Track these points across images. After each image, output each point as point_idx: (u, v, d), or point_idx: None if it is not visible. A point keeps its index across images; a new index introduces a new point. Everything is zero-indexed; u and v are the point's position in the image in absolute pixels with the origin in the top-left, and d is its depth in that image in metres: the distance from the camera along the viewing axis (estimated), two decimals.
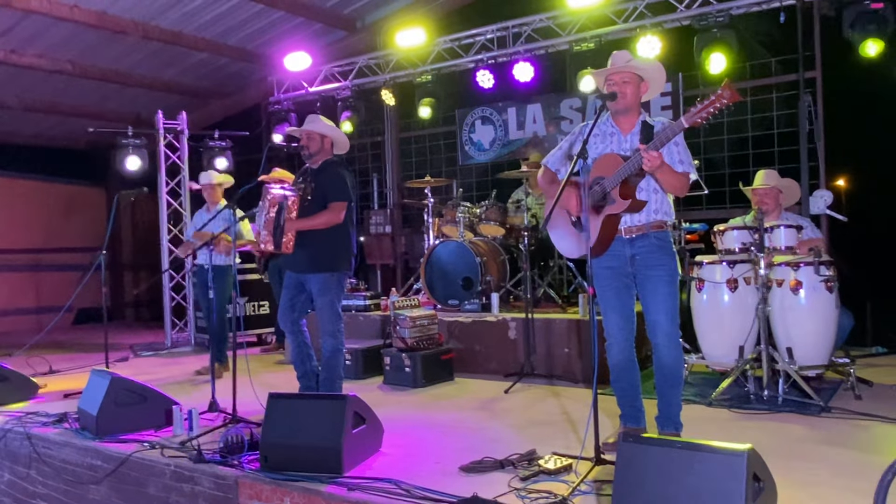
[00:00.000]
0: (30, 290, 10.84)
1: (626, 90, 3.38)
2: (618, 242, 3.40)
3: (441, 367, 5.50)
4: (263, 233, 4.27)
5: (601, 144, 3.47)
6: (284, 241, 4.22)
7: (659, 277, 3.36)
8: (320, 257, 4.35)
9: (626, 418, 3.61)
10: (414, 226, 8.98)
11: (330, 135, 4.50)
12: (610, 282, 3.46)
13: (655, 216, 3.38)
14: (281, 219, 4.21)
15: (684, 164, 3.35)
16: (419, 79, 7.76)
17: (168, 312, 8.38)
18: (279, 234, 4.20)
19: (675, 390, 3.45)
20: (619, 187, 3.28)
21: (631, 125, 3.43)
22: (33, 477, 4.30)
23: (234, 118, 10.27)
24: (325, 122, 4.54)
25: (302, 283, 4.47)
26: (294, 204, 4.21)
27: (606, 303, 3.50)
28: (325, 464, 3.23)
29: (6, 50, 8.07)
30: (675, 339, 3.42)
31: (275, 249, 4.26)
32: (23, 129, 10.82)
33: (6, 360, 5.79)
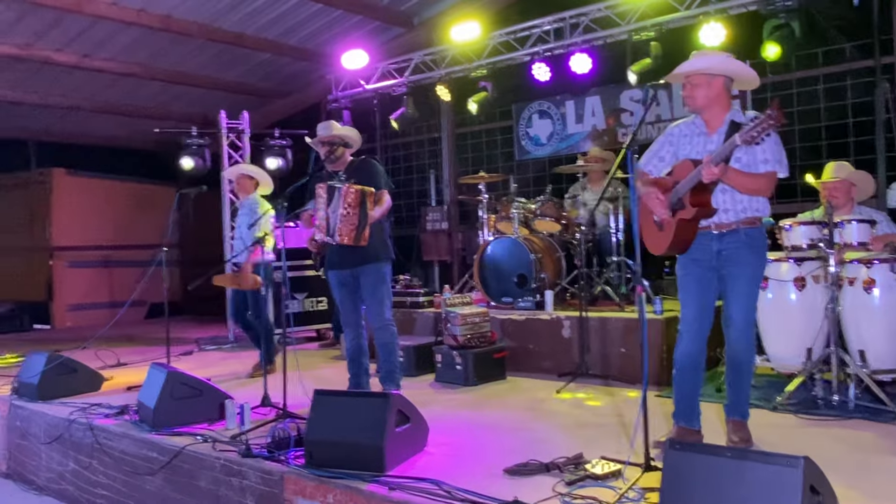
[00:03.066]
0: (103, 285, 11.32)
1: (695, 93, 3.33)
2: (705, 237, 3.35)
3: (493, 366, 5.42)
4: (339, 227, 4.28)
5: (689, 145, 3.43)
6: (363, 236, 4.30)
7: (742, 275, 3.31)
8: (368, 250, 4.43)
9: (680, 416, 3.48)
10: (470, 222, 8.91)
11: (346, 136, 4.65)
12: (693, 273, 3.43)
13: (745, 214, 3.31)
14: (364, 215, 4.25)
15: (769, 163, 3.24)
16: (474, 73, 7.69)
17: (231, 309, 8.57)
18: (361, 230, 4.27)
19: (744, 381, 3.42)
20: (690, 194, 3.23)
21: (717, 124, 3.35)
22: (95, 466, 4.45)
23: (294, 117, 10.44)
24: (337, 125, 4.74)
25: (356, 277, 4.51)
26: (371, 197, 4.26)
27: (686, 294, 3.46)
28: (368, 462, 3.21)
29: (79, 54, 8.42)
30: (749, 335, 3.39)
31: (353, 244, 4.28)
32: (95, 130, 11.30)
33: (78, 353, 6.04)
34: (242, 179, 6.18)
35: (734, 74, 3.36)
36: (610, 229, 6.30)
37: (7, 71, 8.67)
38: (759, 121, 2.90)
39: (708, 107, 3.34)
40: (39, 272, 10.87)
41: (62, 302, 10.86)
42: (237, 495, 3.57)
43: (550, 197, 6.57)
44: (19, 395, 5.35)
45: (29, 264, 10.86)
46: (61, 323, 10.75)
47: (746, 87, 3.50)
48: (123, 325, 8.73)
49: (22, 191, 11.34)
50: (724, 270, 3.35)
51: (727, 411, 3.48)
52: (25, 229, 11.02)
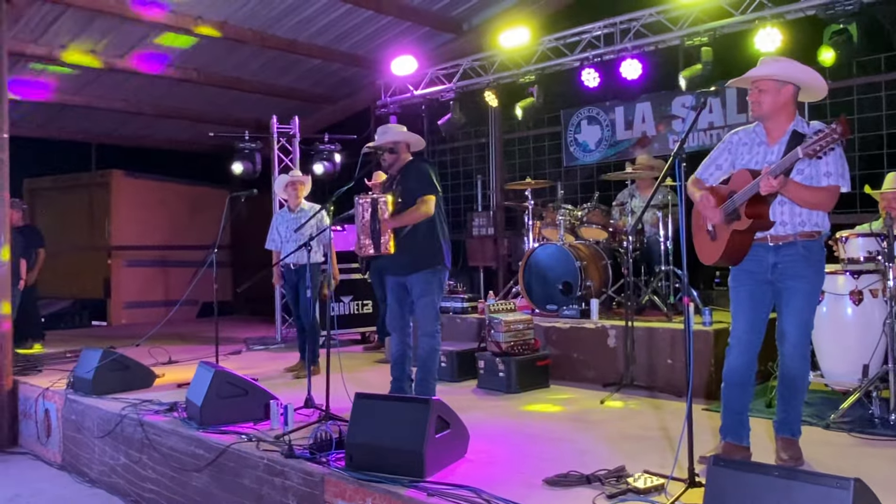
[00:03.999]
0: (158, 284, 11.65)
1: (762, 99, 3.23)
2: (761, 248, 3.26)
3: (536, 374, 5.38)
4: (361, 238, 4.33)
5: (748, 155, 3.34)
6: (383, 242, 4.28)
7: (798, 290, 3.21)
8: (419, 256, 4.40)
9: (727, 431, 3.38)
10: (516, 228, 8.88)
11: (403, 140, 4.59)
12: (746, 285, 3.33)
13: (802, 228, 3.21)
14: (376, 221, 4.28)
15: (832, 177, 3.13)
16: (523, 79, 7.66)
17: (279, 309, 8.75)
18: (377, 237, 4.27)
19: (796, 398, 3.32)
20: (747, 205, 3.13)
21: (779, 134, 3.25)
22: (144, 461, 4.58)
23: (343, 122, 10.57)
24: (395, 129, 4.67)
25: (405, 284, 4.51)
26: (385, 204, 4.27)
27: (738, 305, 3.36)
28: (408, 467, 3.22)
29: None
30: (803, 351, 3.28)
31: (375, 252, 4.31)
32: (156, 133, 11.67)
33: (132, 350, 6.23)
34: (294, 187, 6.31)
35: (804, 84, 3.25)
36: (658, 237, 6.19)
37: (72, 76, 9.02)
38: (824, 134, 2.78)
39: (774, 115, 3.24)
40: (98, 270, 11.26)
41: (119, 299, 11.22)
42: (279, 495, 3.62)
43: (597, 204, 6.50)
44: (75, 389, 5.54)
45: (88, 263, 11.26)
46: (117, 320, 11.11)
47: (814, 97, 3.36)
48: (176, 323, 8.96)
49: (83, 191, 11.77)
50: (779, 284, 3.25)
51: (777, 428, 3.38)
52: (86, 229, 11.44)
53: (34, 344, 8.00)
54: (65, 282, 10.66)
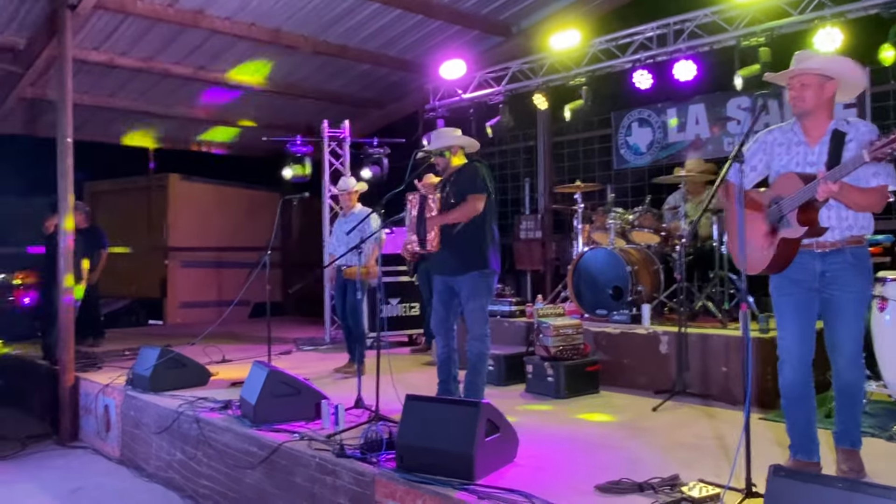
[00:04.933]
0: (212, 284, 11.94)
1: (805, 94, 3.09)
2: (807, 256, 3.12)
3: (585, 379, 5.32)
4: (409, 235, 4.38)
5: (786, 156, 3.21)
6: (429, 240, 4.31)
7: (850, 299, 3.08)
8: (468, 257, 4.40)
9: (797, 449, 3.26)
10: (565, 231, 8.81)
11: (455, 144, 4.62)
12: (791, 295, 3.19)
13: (850, 232, 3.08)
14: (423, 218, 4.30)
15: (880, 176, 3.00)
16: (573, 81, 7.61)
17: (328, 310, 8.87)
18: (423, 233, 4.30)
19: (855, 408, 3.20)
20: (798, 211, 3.00)
21: (819, 133, 3.12)
22: (200, 458, 4.69)
23: (393, 126, 10.66)
24: (449, 134, 4.70)
25: (452, 286, 4.52)
26: (434, 202, 4.29)
27: (784, 317, 3.22)
28: (457, 469, 3.22)
29: (195, 66, 8.94)
30: (858, 361, 3.15)
31: (421, 249, 4.34)
32: (211, 137, 11.95)
33: (187, 348, 6.39)
34: (348, 195, 6.42)
35: (848, 79, 3.12)
36: (713, 242, 6.06)
37: (131, 83, 9.32)
38: (893, 137, 2.66)
39: (816, 111, 3.11)
40: (155, 271, 11.61)
41: (174, 299, 11.54)
42: (331, 494, 3.67)
43: (649, 208, 6.40)
44: (133, 386, 5.72)
45: (146, 263, 11.61)
46: (173, 319, 11.42)
47: (850, 96, 3.24)
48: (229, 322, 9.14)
49: (142, 194, 12.16)
50: (827, 293, 3.11)
51: (837, 439, 3.26)
52: (144, 230, 11.80)
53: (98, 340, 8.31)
54: (124, 282, 11.00)
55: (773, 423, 4.16)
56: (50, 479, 5.28)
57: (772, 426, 4.14)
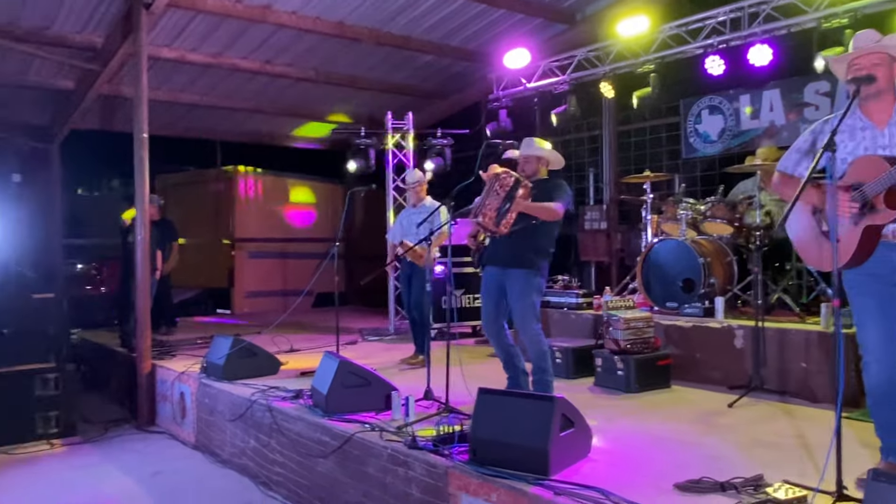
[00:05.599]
0: (278, 275, 12.19)
1: (878, 73, 2.93)
2: (885, 247, 2.96)
3: (656, 373, 5.21)
4: (486, 209, 4.32)
5: (850, 142, 3.04)
6: (505, 221, 4.27)
7: None
8: (526, 252, 4.41)
9: (889, 452, 3.10)
10: (630, 222, 8.63)
11: (546, 157, 4.64)
12: (872, 291, 3.03)
13: None
14: (509, 198, 4.25)
15: None
16: (640, 69, 7.42)
17: (392, 301, 8.94)
18: (503, 214, 4.26)
19: None
20: (885, 195, 2.84)
21: (886, 115, 2.97)
22: (273, 445, 4.80)
23: (455, 117, 10.63)
24: (540, 144, 4.68)
25: (502, 284, 4.51)
26: (526, 188, 4.26)
27: (866, 314, 3.06)
28: (532, 464, 3.19)
29: (261, 61, 9.10)
30: None
31: (492, 226, 4.30)
32: (276, 131, 12.19)
33: (255, 338, 6.53)
34: (419, 186, 6.43)
35: None
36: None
37: (201, 78, 9.57)
38: None
39: (885, 92, 2.95)
40: (223, 262, 11.92)
41: (241, 289, 11.84)
42: (403, 484, 3.69)
43: (722, 198, 6.21)
44: (207, 374, 5.89)
45: (214, 254, 11.93)
46: (240, 308, 11.71)
47: None
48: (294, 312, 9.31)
49: (209, 187, 12.49)
50: None
51: None
52: (212, 222, 12.12)
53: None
54: (193, 272, 11.32)
55: (858, 423, 3.99)
56: (131, 463, 5.50)
57: (855, 425, 3.97)
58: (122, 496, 4.80)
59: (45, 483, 5.06)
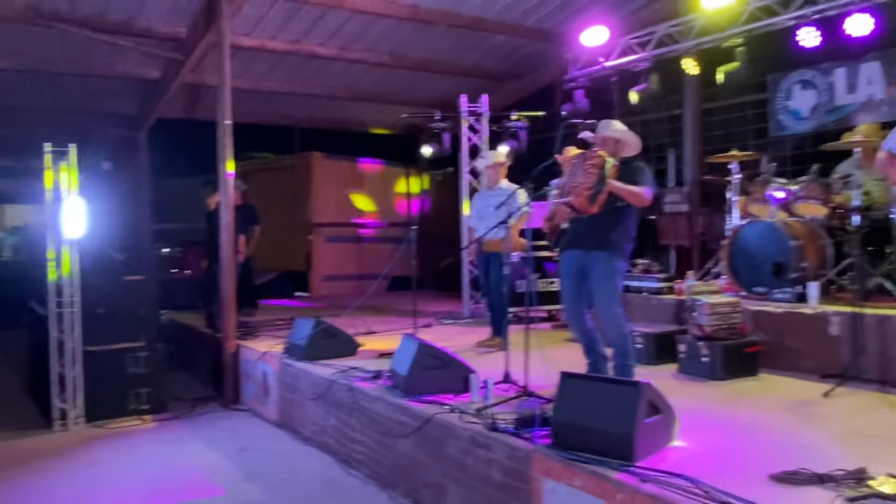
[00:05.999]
0: (352, 258, 12.39)
1: None
2: None
3: (744, 361, 5.01)
4: (578, 187, 4.20)
5: None
6: (599, 200, 4.16)
7: None
8: (610, 235, 4.31)
9: None
10: (713, 204, 8.31)
11: (623, 139, 4.47)
12: None
13: None
14: (602, 178, 4.14)
15: None
16: (726, 43, 7.09)
17: (466, 285, 8.94)
18: (596, 193, 4.15)
19: None
20: None
21: None
22: (353, 424, 4.87)
23: (528, 99, 10.47)
24: (617, 126, 4.53)
25: (584, 268, 4.41)
26: (615, 167, 4.15)
27: None
28: (615, 450, 3.12)
29: (338, 47, 9.19)
30: None
31: (583, 204, 4.18)
32: (352, 116, 12.33)
33: (333, 320, 6.64)
34: (494, 169, 6.36)
35: None
36: (891, 215, 5.48)
37: (280, 65, 9.75)
38: None
39: None
40: (301, 245, 12.19)
41: (319, 272, 12.09)
42: (483, 467, 3.68)
43: (816, 177, 5.88)
44: (289, 354, 6.04)
45: (293, 238, 12.21)
46: (317, 291, 11.97)
47: None
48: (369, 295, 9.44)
49: (288, 172, 12.77)
50: None
51: None
52: (290, 207, 12.39)
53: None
54: (273, 256, 11.61)
55: None
56: (218, 439, 5.70)
57: None
58: (210, 471, 4.98)
59: (138, 456, 5.31)
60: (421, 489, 4.17)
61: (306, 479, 4.76)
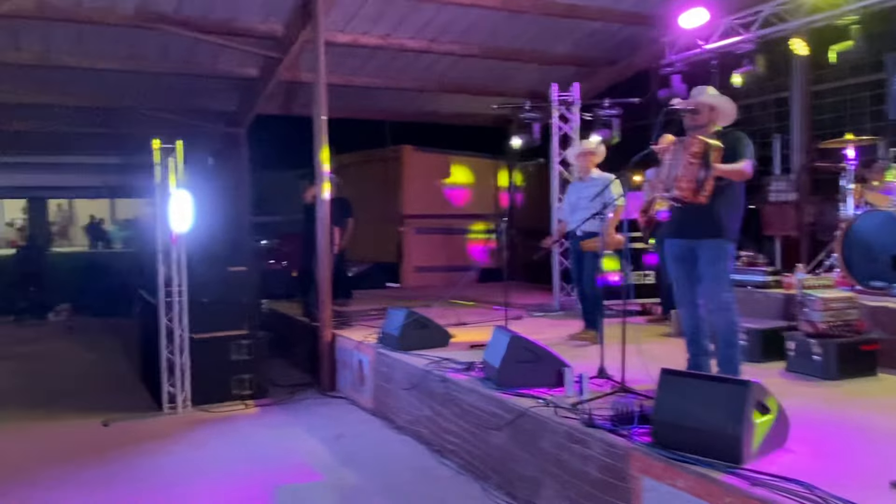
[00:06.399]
0: (442, 250, 12.47)
1: None
2: None
3: (860, 360, 4.68)
4: (680, 181, 4.02)
5: None
6: (704, 192, 3.98)
7: None
8: (715, 221, 4.10)
9: None
10: (824, 192, 7.82)
11: (718, 105, 4.23)
12: None
13: None
14: (706, 166, 3.95)
15: None
16: (840, 21, 6.64)
17: (557, 277, 8.81)
18: (702, 183, 3.96)
19: None
20: None
21: None
22: (446, 415, 4.89)
23: (621, 85, 10.18)
24: (712, 92, 4.30)
25: (691, 253, 4.22)
26: (719, 151, 3.94)
27: None
28: (722, 451, 2.98)
29: (427, 40, 9.23)
30: None
31: (690, 198, 3.99)
32: (440, 109, 12.37)
33: (423, 311, 6.69)
34: (585, 157, 6.22)
35: None
36: None
37: (371, 60, 9.90)
38: None
39: None
40: (392, 237, 12.38)
41: (409, 264, 12.24)
42: (579, 462, 3.61)
43: None
44: (383, 344, 6.13)
45: (384, 230, 12.41)
46: (408, 282, 12.12)
47: None
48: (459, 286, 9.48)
49: (379, 165, 12.99)
50: None
51: None
52: (381, 199, 12.60)
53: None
54: (365, 247, 11.84)
55: None
56: (316, 425, 5.87)
57: None
58: (309, 455, 5.13)
59: (241, 440, 5.54)
60: (515, 482, 4.14)
61: (401, 467, 4.82)
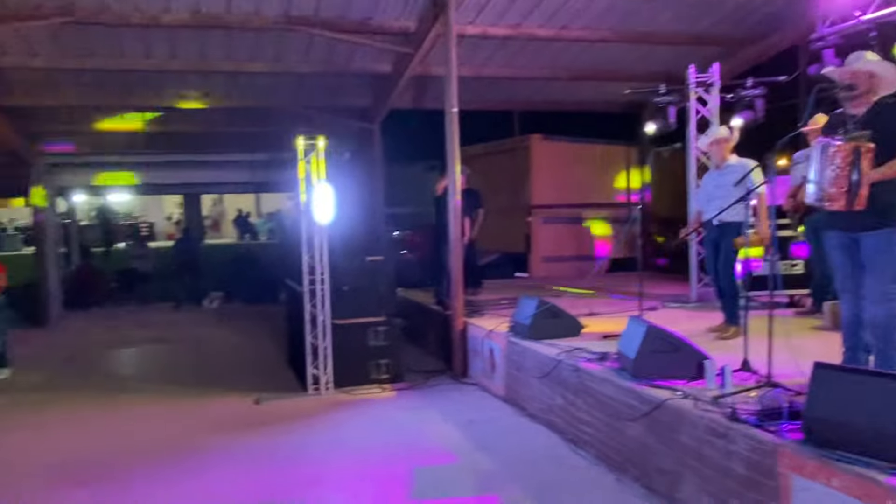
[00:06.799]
0: (571, 240, 12.33)
1: None
2: None
3: None
4: (828, 188, 3.77)
5: None
6: (860, 196, 3.67)
7: None
8: (878, 211, 3.75)
9: None
10: None
11: (879, 73, 3.83)
12: None
13: None
14: (856, 172, 3.67)
15: None
16: None
17: (694, 267, 8.48)
18: (854, 192, 3.66)
19: None
20: None
21: None
22: (579, 405, 4.88)
23: (764, 64, 9.58)
24: (871, 57, 3.92)
25: (854, 241, 3.93)
26: (870, 152, 3.63)
27: None
28: (884, 451, 2.78)
29: (557, 27, 9.10)
30: None
31: (845, 207, 3.72)
32: (569, 97, 12.19)
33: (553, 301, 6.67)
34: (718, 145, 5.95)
35: None
36: None
37: (499, 51, 9.92)
38: None
39: None
40: (520, 227, 12.39)
41: (538, 254, 12.20)
42: (722, 458, 3.49)
43: None
44: (514, 333, 6.19)
45: (512, 220, 12.44)
46: (536, 272, 12.09)
47: None
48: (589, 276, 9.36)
49: (507, 155, 13.01)
50: None
51: None
52: (510, 189, 12.63)
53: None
54: (494, 237, 11.92)
55: None
56: (448, 409, 6.03)
57: None
58: (443, 439, 5.29)
59: (378, 422, 5.80)
60: (653, 475, 4.06)
61: (535, 455, 4.86)
